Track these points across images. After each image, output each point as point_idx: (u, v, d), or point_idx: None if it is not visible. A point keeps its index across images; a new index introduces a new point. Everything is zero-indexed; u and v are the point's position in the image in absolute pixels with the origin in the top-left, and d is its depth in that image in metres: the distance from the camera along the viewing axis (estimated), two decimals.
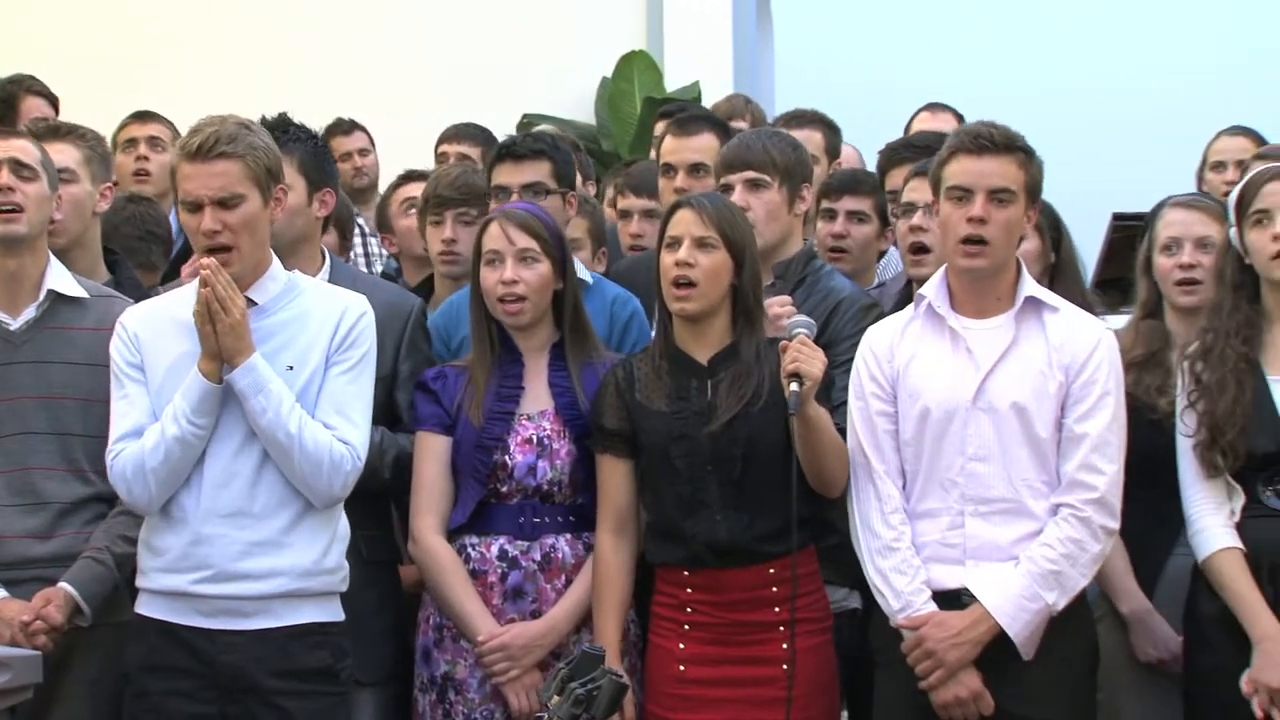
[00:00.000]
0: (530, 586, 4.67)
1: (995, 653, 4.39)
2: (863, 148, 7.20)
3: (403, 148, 8.48)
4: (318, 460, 4.31)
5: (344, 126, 8.39)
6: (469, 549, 4.71)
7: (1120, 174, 9.02)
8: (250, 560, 4.32)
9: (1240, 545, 4.46)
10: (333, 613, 4.44)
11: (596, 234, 5.68)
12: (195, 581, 4.33)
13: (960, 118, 7.20)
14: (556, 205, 5.17)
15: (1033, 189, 4.49)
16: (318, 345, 4.38)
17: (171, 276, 5.41)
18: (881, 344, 4.58)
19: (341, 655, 4.44)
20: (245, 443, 4.34)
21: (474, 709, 4.68)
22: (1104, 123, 11.44)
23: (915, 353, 4.54)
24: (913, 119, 7.44)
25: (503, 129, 7.36)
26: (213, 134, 4.31)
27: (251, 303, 4.35)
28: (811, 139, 6.35)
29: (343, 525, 4.46)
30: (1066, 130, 10.42)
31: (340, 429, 4.36)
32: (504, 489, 4.69)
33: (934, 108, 7.42)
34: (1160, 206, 5.06)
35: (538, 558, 4.68)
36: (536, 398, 4.75)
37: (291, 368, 4.35)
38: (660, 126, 6.60)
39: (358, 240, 7.24)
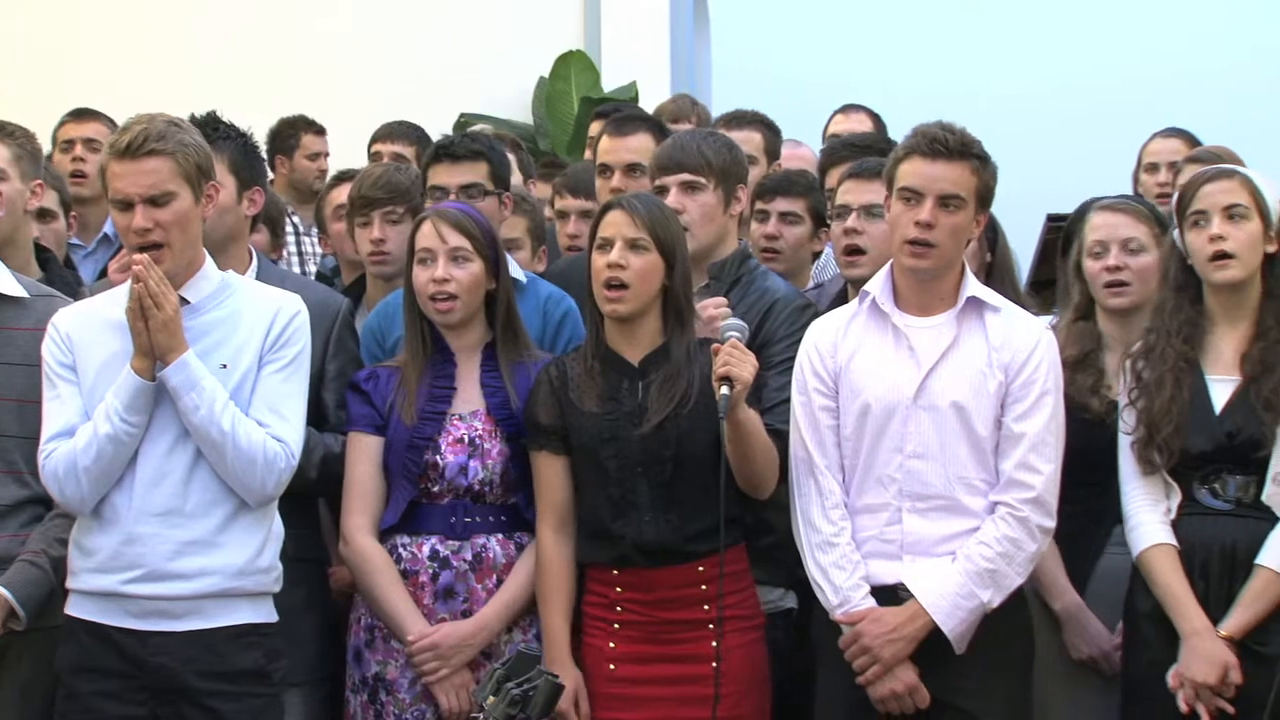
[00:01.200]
0: (461, 586, 4.66)
1: (933, 646, 4.41)
2: (797, 146, 7.20)
3: (339, 147, 8.48)
4: (251, 458, 4.28)
5: (315, 127, 8.39)
6: (400, 549, 4.69)
7: (1055, 175, 9.06)
8: (182, 560, 4.28)
9: (1174, 542, 4.48)
10: (266, 613, 4.41)
11: (536, 233, 5.67)
12: (126, 582, 4.28)
13: (875, 118, 7.21)
14: (493, 206, 5.17)
15: (983, 195, 4.51)
16: (251, 343, 4.35)
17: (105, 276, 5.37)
18: (825, 340, 4.59)
19: (275, 656, 4.41)
20: (178, 441, 4.30)
21: (405, 709, 4.66)
22: (1040, 123, 11.50)
23: (858, 349, 4.55)
24: (830, 120, 7.46)
25: (440, 128, 7.34)
26: (142, 132, 4.27)
27: (184, 301, 4.31)
28: (751, 140, 6.36)
29: (277, 525, 4.43)
30: (1003, 131, 10.45)
31: (274, 427, 4.33)
32: (435, 489, 4.68)
33: (848, 109, 7.43)
34: (1086, 210, 5.09)
35: (469, 558, 4.67)
36: (468, 398, 4.74)
37: (225, 366, 4.31)
38: (596, 126, 6.59)
39: (292, 238, 7.21)
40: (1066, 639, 4.78)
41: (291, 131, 8.46)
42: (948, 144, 4.45)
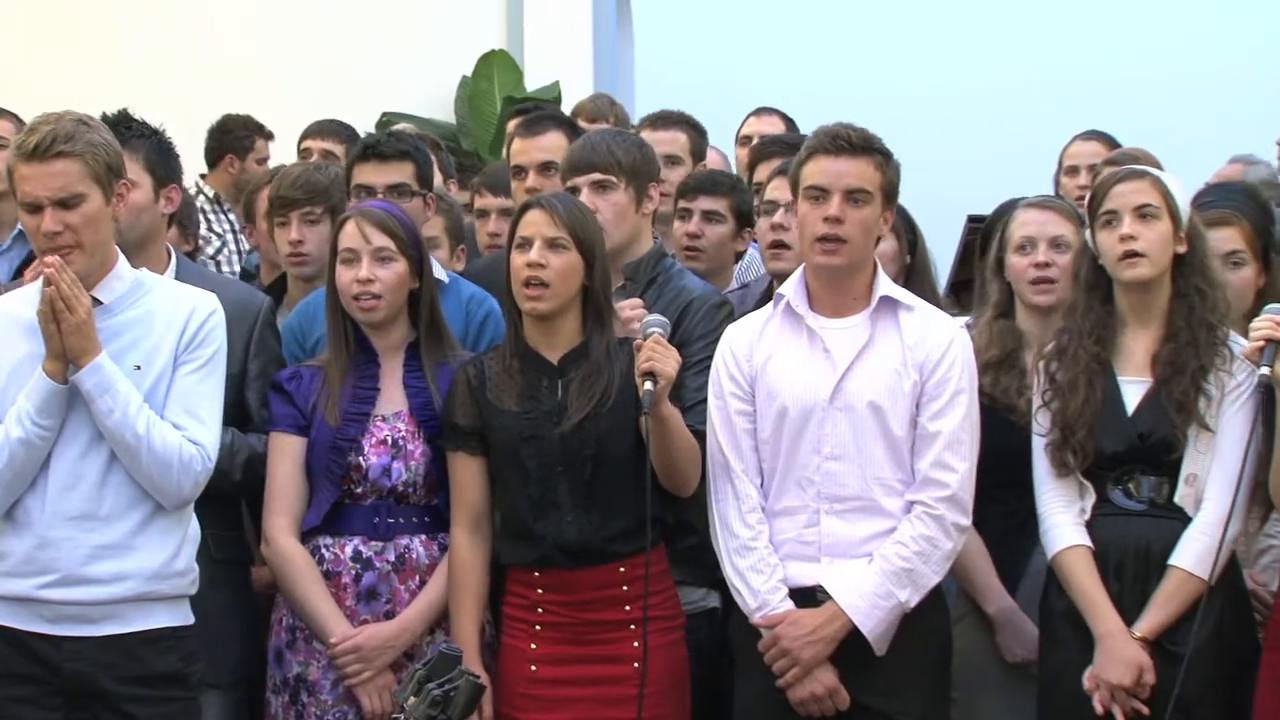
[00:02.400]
0: (384, 588, 4.65)
1: (851, 649, 4.43)
2: (722, 148, 7.22)
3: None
4: (167, 461, 4.24)
5: (267, 132, 8.37)
6: (323, 550, 4.67)
7: (974, 177, 9.11)
8: (98, 564, 4.24)
9: (1088, 543, 4.51)
10: (183, 616, 4.37)
11: (455, 232, 5.65)
12: (40, 586, 4.24)
13: (788, 120, 7.23)
14: (418, 207, 5.16)
15: (889, 190, 4.53)
16: (166, 344, 4.31)
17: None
18: (740, 343, 4.60)
19: (192, 660, 4.38)
20: (92, 444, 4.25)
21: (326, 710, 4.65)
22: (960, 126, 11.56)
23: (773, 352, 4.56)
24: (743, 123, 7.47)
25: (362, 128, 7.31)
26: (50, 133, 4.21)
27: (97, 302, 4.27)
28: (676, 140, 6.37)
29: (193, 527, 4.39)
30: (923, 134, 10.52)
31: (190, 429, 4.29)
32: (358, 490, 4.67)
33: (760, 112, 7.46)
34: (1011, 208, 5.11)
35: (392, 559, 4.66)
36: (391, 399, 4.73)
37: (139, 367, 4.27)
38: (513, 125, 6.58)
39: (231, 236, 7.17)
40: (1001, 642, 4.80)
41: (246, 133, 8.44)
42: (850, 140, 4.48)
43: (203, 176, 8.30)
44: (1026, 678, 4.74)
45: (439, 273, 5.09)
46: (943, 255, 6.02)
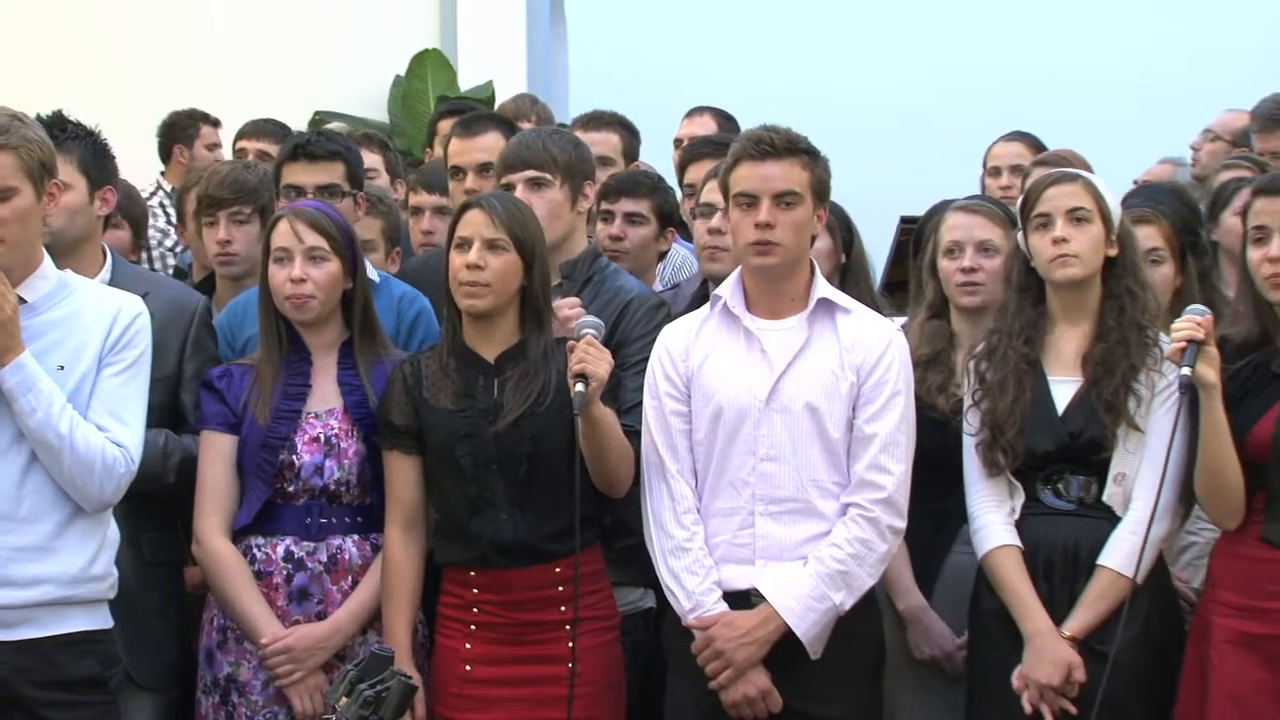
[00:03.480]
0: (316, 588, 4.63)
1: (784, 652, 4.44)
2: (656, 149, 7.22)
3: None
4: (89, 463, 4.15)
5: (212, 119, 8.34)
6: (254, 550, 4.65)
7: (907, 178, 9.15)
8: (15, 566, 4.13)
9: (1018, 543, 4.54)
10: (101, 620, 4.27)
11: (390, 234, 5.64)
12: None
13: (724, 119, 7.24)
14: (348, 207, 5.15)
15: (819, 189, 4.54)
16: (90, 345, 4.23)
17: None
18: (677, 344, 4.60)
19: (110, 663, 4.29)
20: (12, 444, 4.15)
21: (257, 711, 4.63)
22: (892, 128, 11.62)
23: (710, 353, 4.57)
24: (679, 125, 7.48)
25: (295, 126, 7.29)
26: None
27: (21, 300, 4.20)
28: (609, 141, 6.37)
29: (112, 530, 4.30)
30: (857, 135, 10.56)
31: (113, 431, 4.20)
32: (290, 489, 4.65)
33: (694, 113, 7.46)
34: (941, 210, 5.14)
35: (324, 559, 4.64)
36: (324, 396, 4.71)
37: (62, 367, 4.18)
38: (444, 125, 6.57)
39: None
40: (910, 639, 4.82)
41: (190, 122, 8.42)
42: (775, 143, 4.49)
43: (162, 174, 8.30)
44: (938, 675, 4.79)
45: (370, 272, 5.07)
46: (876, 256, 6.04)
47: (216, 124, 8.42)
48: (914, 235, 5.34)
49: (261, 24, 10.24)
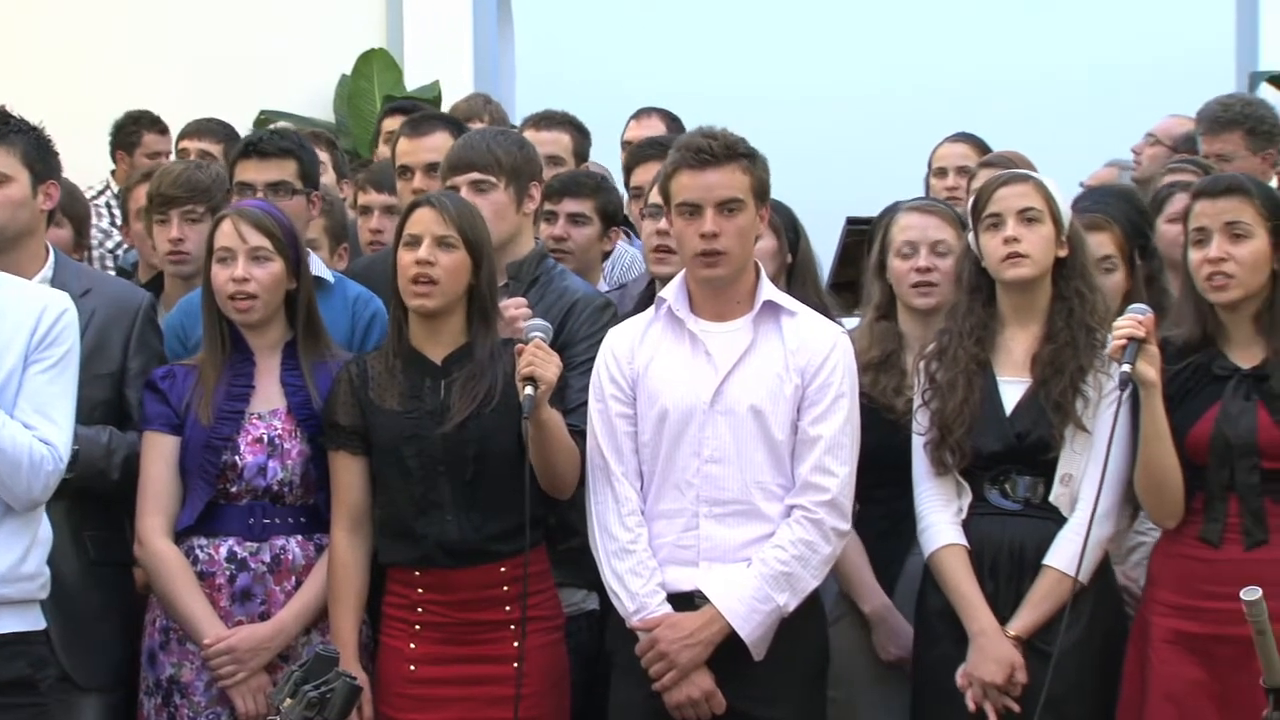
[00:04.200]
0: (259, 588, 4.62)
1: (728, 653, 4.44)
2: (603, 149, 7.22)
3: None
4: (16, 461, 4.08)
5: (160, 125, 8.29)
6: (197, 550, 4.64)
7: (854, 179, 9.18)
8: None
9: (964, 542, 4.56)
10: (32, 621, 4.21)
11: (335, 232, 5.63)
12: None
13: (671, 121, 7.24)
14: (300, 205, 5.13)
15: (760, 190, 4.53)
16: (15, 343, 4.15)
17: None
18: (622, 346, 4.60)
19: (41, 665, 4.24)
20: None
21: (200, 712, 4.61)
22: (839, 128, 11.63)
23: (655, 355, 4.56)
24: (625, 127, 7.48)
25: (239, 126, 7.27)
26: None
27: None
28: (559, 141, 6.37)
29: (44, 530, 4.24)
30: (803, 135, 10.58)
31: (41, 429, 4.14)
32: (233, 489, 4.63)
33: (642, 114, 7.44)
34: (893, 211, 5.15)
35: (267, 559, 4.63)
36: (268, 397, 4.70)
37: None
38: (390, 123, 6.56)
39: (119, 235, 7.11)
40: (876, 641, 4.82)
41: (135, 128, 8.36)
42: (714, 150, 4.47)
43: (112, 173, 8.26)
44: (903, 676, 4.77)
45: (324, 272, 5.08)
46: (824, 255, 6.04)
47: (164, 130, 8.35)
48: (868, 236, 5.34)
49: (206, 23, 10.19)
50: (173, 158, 7.03)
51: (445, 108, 7.49)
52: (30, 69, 9.61)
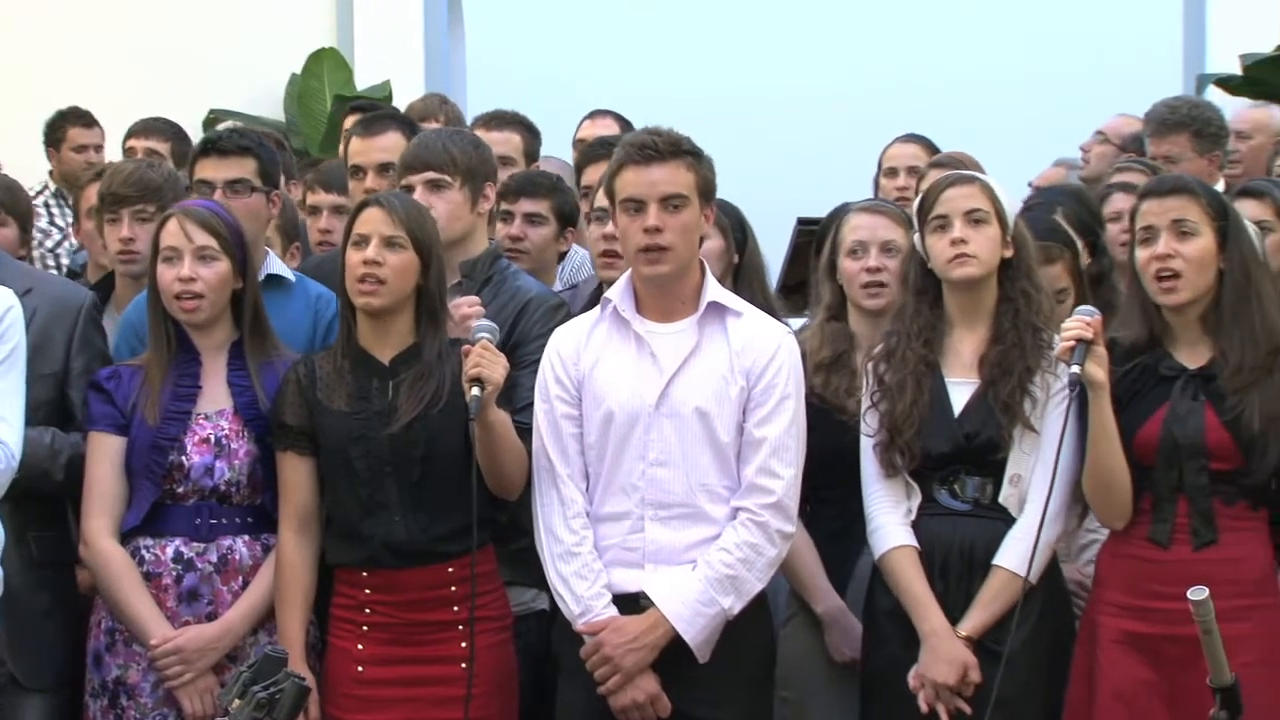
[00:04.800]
0: (206, 589, 4.60)
1: (672, 656, 4.44)
2: (554, 149, 7.21)
3: None
4: None
5: (86, 119, 8.23)
6: (143, 551, 4.62)
7: (803, 179, 9.20)
8: None
9: (914, 543, 4.56)
10: None
11: (287, 230, 5.61)
12: None
13: (625, 122, 7.25)
14: (259, 203, 5.11)
15: (705, 189, 4.53)
16: None
17: None
18: (568, 347, 4.59)
19: None
20: None
21: (147, 714, 4.59)
22: (788, 128, 11.65)
23: (600, 356, 4.56)
24: (578, 127, 7.48)
25: (189, 125, 7.24)
26: None
27: None
28: (510, 141, 6.36)
29: None
30: (752, 136, 10.59)
31: None
32: (180, 490, 4.61)
33: (595, 115, 7.45)
34: (843, 211, 5.16)
35: (214, 559, 4.61)
36: (214, 397, 4.68)
37: None
38: (350, 121, 6.54)
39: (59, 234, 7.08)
40: (829, 641, 4.82)
41: (61, 123, 8.34)
42: (658, 147, 4.48)
43: (50, 173, 8.22)
44: (855, 677, 4.77)
45: (284, 271, 5.09)
46: (773, 255, 6.05)
47: (90, 123, 8.30)
48: (817, 237, 5.35)
49: (156, 21, 10.15)
50: (114, 155, 6.98)
51: (396, 106, 7.47)
52: None
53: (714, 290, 4.58)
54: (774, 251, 6.09)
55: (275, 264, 5.13)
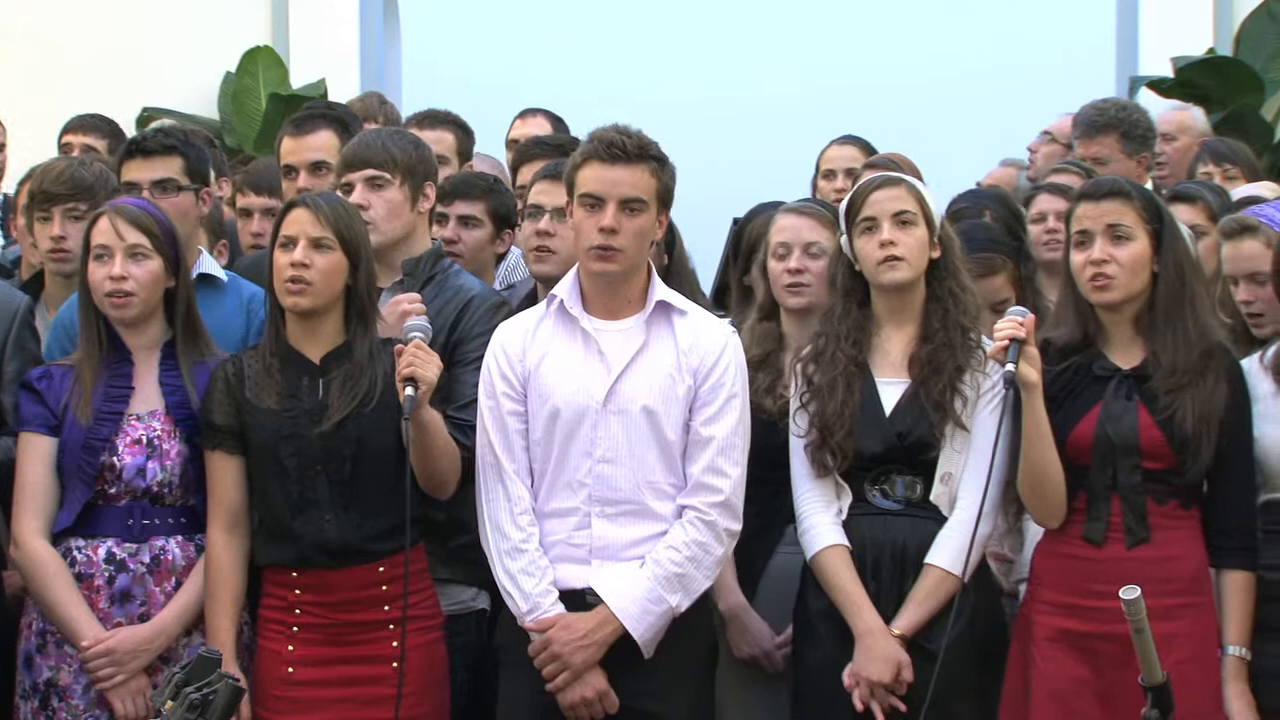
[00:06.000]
0: (139, 589, 4.58)
1: (620, 651, 4.44)
2: (489, 148, 7.20)
3: (18, 139, 8.23)
4: None
5: None
6: (75, 552, 4.59)
7: (739, 180, 9.21)
8: None
9: (846, 543, 4.57)
10: None
11: (213, 228, 5.58)
12: None
13: (556, 121, 7.24)
14: (188, 202, 5.09)
15: (664, 196, 4.55)
16: None
17: None
18: (513, 343, 4.59)
19: None
20: None
21: (78, 715, 4.57)
22: (724, 129, 11.66)
23: (547, 352, 4.56)
24: (510, 126, 7.47)
25: (123, 123, 7.19)
26: None
27: None
28: (443, 140, 6.34)
29: None
30: (687, 136, 10.57)
31: None
32: (112, 490, 4.59)
33: (527, 114, 7.45)
34: (762, 212, 5.20)
35: (146, 560, 4.59)
36: (146, 397, 4.66)
37: None
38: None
39: None
40: (729, 638, 4.84)
41: None
42: (625, 148, 4.48)
43: None
44: (756, 673, 4.82)
45: (217, 271, 5.06)
46: (709, 259, 6.06)
47: None
48: (734, 238, 5.38)
49: (89, 19, 10.08)
50: (50, 152, 6.91)
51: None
52: None
53: (661, 289, 4.59)
54: (711, 253, 6.09)
55: (209, 263, 5.11)
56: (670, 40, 12.21)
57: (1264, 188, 6.30)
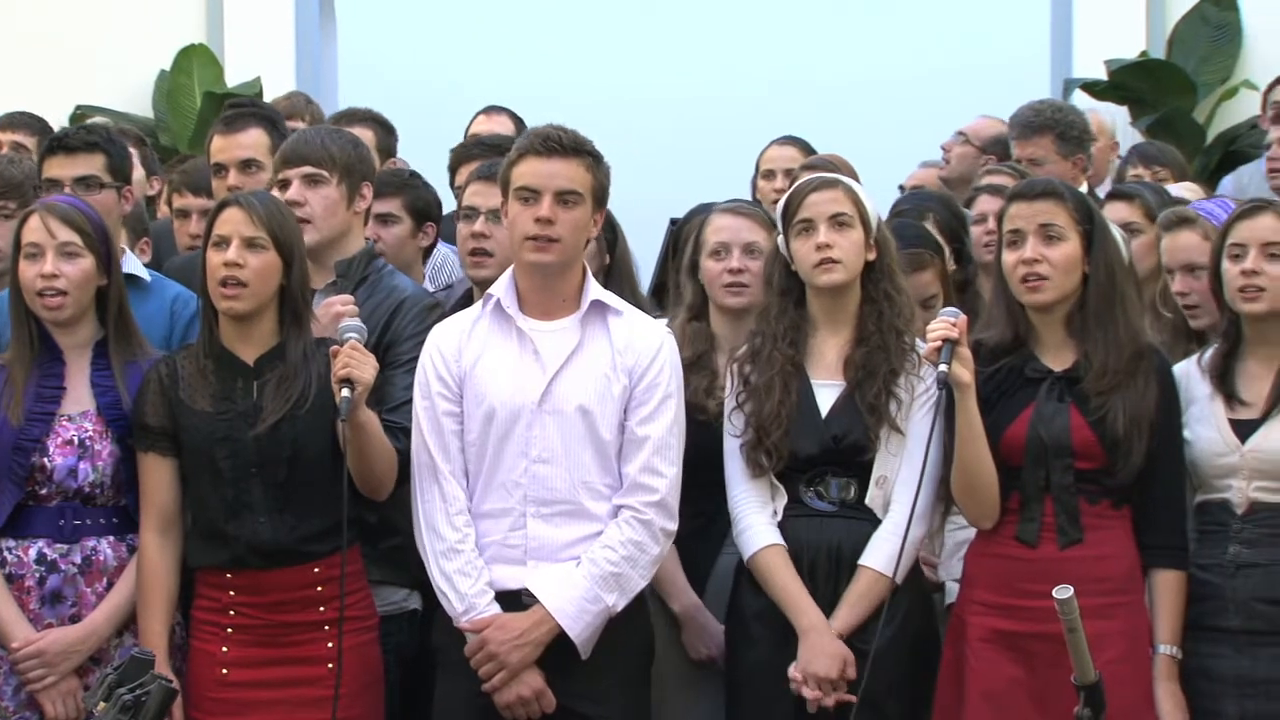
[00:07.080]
0: (70, 590, 4.56)
1: (555, 651, 4.45)
2: (426, 149, 7.18)
3: None
4: None
5: None
6: (5, 553, 4.56)
7: (678, 179, 9.22)
8: None
9: (783, 542, 4.58)
10: None
11: (134, 226, 5.54)
12: None
13: (518, 120, 7.25)
14: (111, 200, 5.07)
15: (599, 193, 4.56)
16: None
17: None
18: (449, 343, 4.58)
19: None
20: None
21: (8, 717, 4.54)
22: (663, 129, 11.67)
23: (482, 353, 4.55)
24: (472, 121, 7.46)
25: (55, 121, 7.13)
26: None
27: None
28: (364, 137, 6.30)
29: None
30: (628, 136, 10.57)
31: None
32: (43, 491, 4.56)
33: (490, 111, 7.44)
34: (703, 211, 5.20)
35: (78, 561, 4.56)
36: (78, 398, 4.63)
37: None
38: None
39: None
40: (686, 640, 4.85)
41: None
42: (561, 142, 4.50)
43: None
44: (709, 675, 4.82)
45: (140, 271, 5.03)
46: (646, 258, 6.07)
47: None
48: (673, 237, 5.38)
49: (21, 15, 10.00)
50: None
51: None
52: None
53: (595, 289, 4.60)
54: (650, 253, 6.10)
55: (132, 263, 5.08)
56: (608, 41, 12.22)
57: (1185, 189, 6.36)
